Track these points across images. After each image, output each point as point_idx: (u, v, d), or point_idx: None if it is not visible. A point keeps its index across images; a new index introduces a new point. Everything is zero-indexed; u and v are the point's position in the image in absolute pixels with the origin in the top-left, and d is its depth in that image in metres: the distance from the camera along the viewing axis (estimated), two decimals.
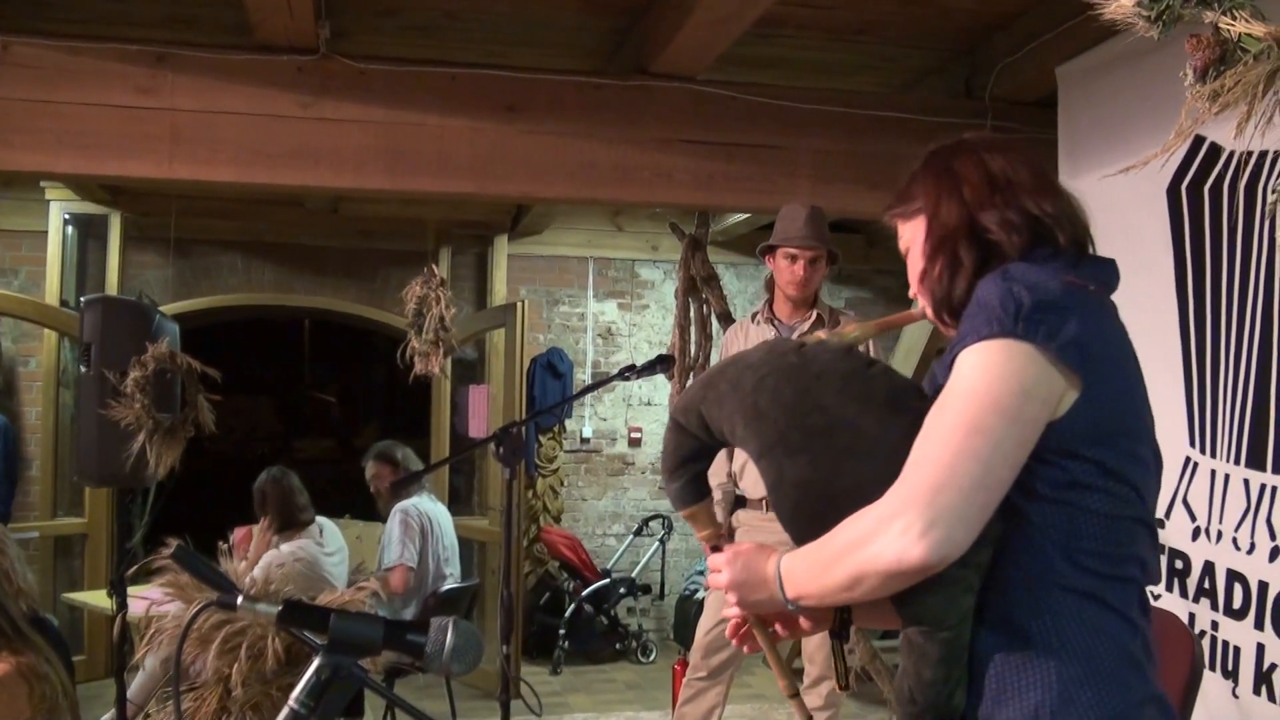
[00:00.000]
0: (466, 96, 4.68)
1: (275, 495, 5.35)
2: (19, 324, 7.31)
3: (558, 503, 8.31)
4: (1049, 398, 1.48)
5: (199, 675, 3.55)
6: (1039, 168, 1.69)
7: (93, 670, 6.89)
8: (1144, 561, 1.59)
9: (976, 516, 1.44)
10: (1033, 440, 1.48)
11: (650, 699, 6.87)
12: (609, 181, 4.84)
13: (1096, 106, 4.22)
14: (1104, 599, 1.54)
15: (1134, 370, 1.62)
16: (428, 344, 6.18)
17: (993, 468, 1.44)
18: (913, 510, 1.43)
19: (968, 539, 1.44)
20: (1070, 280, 1.57)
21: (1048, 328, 1.47)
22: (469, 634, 1.59)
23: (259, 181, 4.61)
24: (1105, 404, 1.52)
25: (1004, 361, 1.47)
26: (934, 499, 1.43)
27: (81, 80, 4.38)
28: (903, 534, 1.43)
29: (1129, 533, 1.56)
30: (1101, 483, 1.52)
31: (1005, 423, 1.45)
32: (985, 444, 1.44)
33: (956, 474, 1.43)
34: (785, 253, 4.28)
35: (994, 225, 1.62)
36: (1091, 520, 1.53)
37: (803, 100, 4.95)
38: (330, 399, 16.77)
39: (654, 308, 8.66)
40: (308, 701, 1.52)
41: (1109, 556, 1.54)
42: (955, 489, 1.43)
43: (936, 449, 1.46)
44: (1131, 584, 1.58)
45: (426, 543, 5.81)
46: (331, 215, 7.74)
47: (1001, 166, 1.67)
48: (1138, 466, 1.56)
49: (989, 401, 1.46)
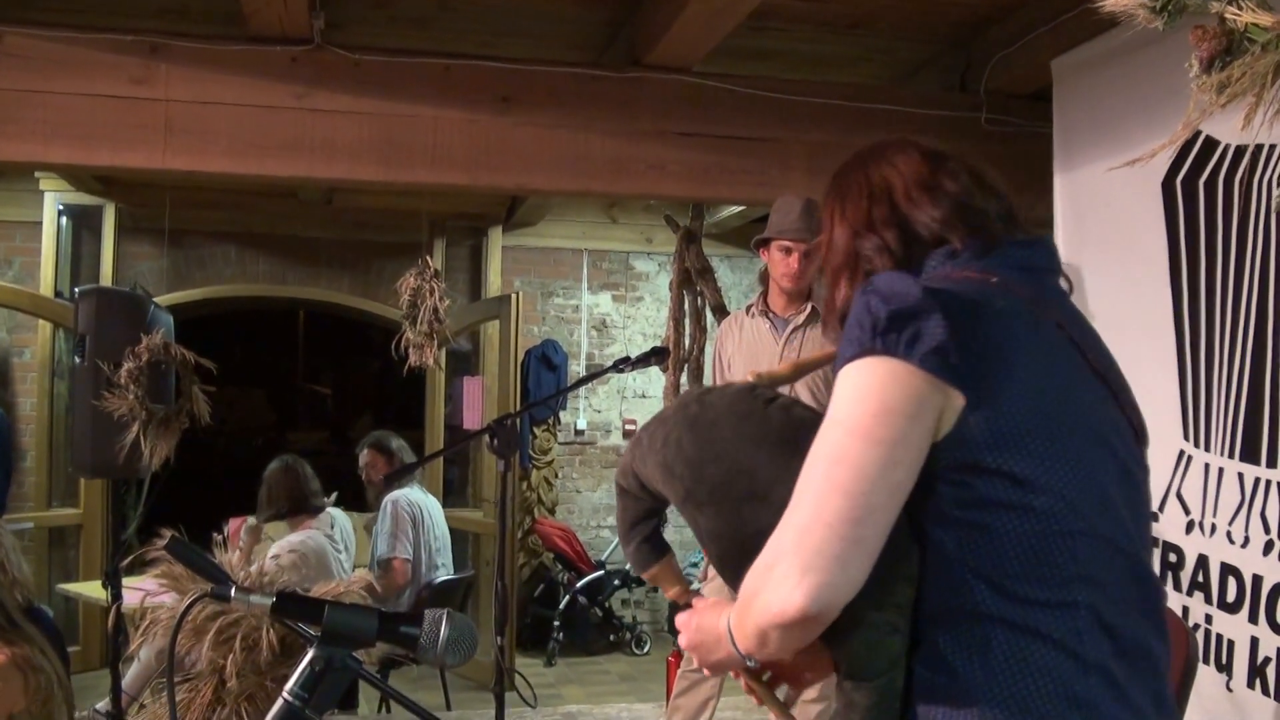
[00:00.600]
0: (461, 88, 4.67)
1: (286, 483, 5.34)
2: (13, 315, 7.32)
3: (552, 494, 8.32)
4: (919, 411, 1.35)
5: (194, 666, 3.55)
6: (921, 169, 1.61)
7: (88, 661, 6.88)
8: (1095, 579, 1.39)
9: (853, 553, 1.31)
10: (910, 460, 1.35)
11: (645, 691, 6.88)
12: (604, 173, 4.83)
13: (1092, 100, 4.22)
14: (1039, 630, 1.36)
15: (1060, 358, 1.45)
16: (422, 336, 6.18)
17: (861, 498, 1.32)
18: (786, 557, 1.33)
19: (850, 578, 1.31)
20: (962, 275, 1.48)
21: (906, 337, 1.36)
22: (463, 626, 1.58)
23: (253, 172, 4.60)
24: (1005, 405, 1.37)
25: (862, 381, 1.38)
26: (802, 541, 1.32)
27: (75, 70, 4.36)
28: (781, 583, 1.32)
29: (1066, 550, 1.38)
30: (1016, 497, 1.37)
31: (867, 446, 1.34)
32: (847, 474, 1.33)
33: (822, 511, 1.32)
34: (780, 245, 4.27)
35: (869, 252, 1.57)
36: (1012, 541, 1.37)
37: (798, 93, 4.95)
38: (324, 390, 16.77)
39: (648, 300, 8.65)
40: (302, 693, 1.52)
41: (1042, 580, 1.37)
42: (823, 527, 1.31)
43: (803, 487, 1.36)
44: (1076, 609, 1.37)
45: (418, 534, 5.82)
46: (325, 206, 7.72)
47: (883, 178, 1.62)
48: (1068, 469, 1.39)
49: (848, 427, 1.36)
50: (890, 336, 1.36)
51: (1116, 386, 1.52)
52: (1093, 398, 1.47)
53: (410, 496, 5.90)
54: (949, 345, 1.35)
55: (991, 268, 1.49)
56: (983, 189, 1.60)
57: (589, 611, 7.80)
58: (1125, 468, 1.48)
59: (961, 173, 1.61)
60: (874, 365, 1.37)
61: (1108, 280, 3.98)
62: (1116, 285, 3.92)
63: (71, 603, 6.82)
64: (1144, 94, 3.82)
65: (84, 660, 6.83)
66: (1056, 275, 1.58)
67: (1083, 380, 1.47)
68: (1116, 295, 3.89)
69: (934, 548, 1.41)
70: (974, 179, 1.61)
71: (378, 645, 1.60)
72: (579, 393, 8.46)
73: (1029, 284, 1.50)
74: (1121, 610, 1.41)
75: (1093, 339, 1.53)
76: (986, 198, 1.59)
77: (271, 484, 5.36)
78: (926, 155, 1.63)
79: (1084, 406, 1.45)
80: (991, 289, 1.45)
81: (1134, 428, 1.53)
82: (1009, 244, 1.54)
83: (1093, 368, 1.49)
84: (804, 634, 1.35)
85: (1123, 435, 1.50)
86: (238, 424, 14.54)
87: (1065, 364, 1.46)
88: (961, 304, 1.40)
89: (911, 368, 1.35)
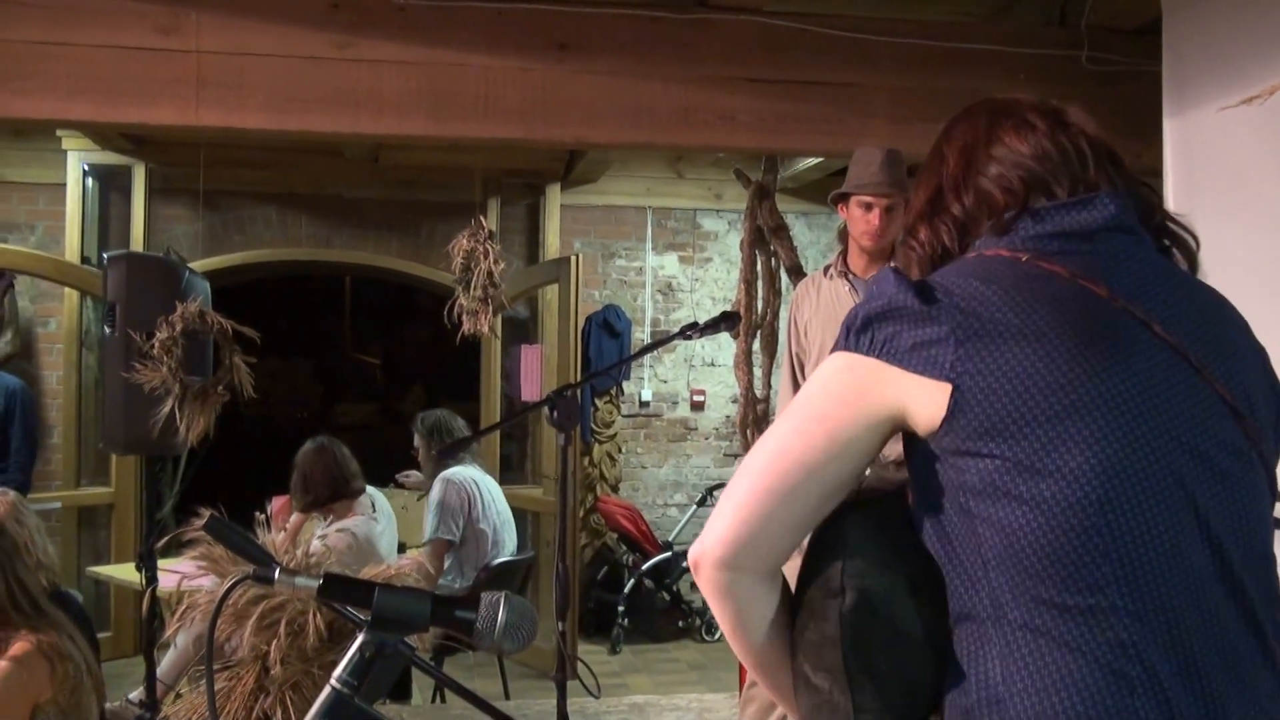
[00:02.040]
0: (514, 34, 4.67)
1: (321, 468, 5.27)
2: (37, 283, 7.40)
3: (615, 471, 8.34)
4: (859, 402, 1.44)
5: (234, 653, 3.60)
6: (968, 140, 1.61)
7: (120, 648, 7.03)
8: (1143, 585, 1.32)
9: (759, 507, 1.45)
10: (841, 444, 1.45)
11: (715, 680, 6.90)
12: (668, 125, 4.81)
13: (1206, 33, 4.13)
14: (1067, 640, 1.31)
15: (1098, 334, 1.38)
16: (476, 301, 6.20)
17: (779, 463, 1.45)
18: (720, 505, 1.49)
19: (756, 529, 1.45)
20: (993, 254, 1.49)
21: (882, 336, 1.44)
22: (522, 610, 1.59)
23: (292, 128, 4.63)
24: (997, 389, 1.36)
25: (820, 372, 1.50)
26: (726, 493, 1.48)
27: (97, 20, 4.39)
28: (709, 527, 1.49)
29: (1094, 548, 1.32)
30: (1021, 485, 1.34)
31: (795, 420, 1.47)
32: (774, 442, 1.47)
33: (749, 470, 1.47)
34: (859, 201, 4.23)
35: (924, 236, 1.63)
36: (1026, 536, 1.34)
37: (879, 32, 4.89)
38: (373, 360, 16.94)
39: (717, 261, 8.63)
40: (351, 680, 1.53)
41: (1065, 581, 1.32)
42: (744, 480, 1.47)
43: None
44: (1115, 616, 1.31)
45: (471, 513, 5.84)
46: (371, 164, 7.77)
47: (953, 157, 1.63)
48: (1085, 455, 1.33)
49: (792, 407, 1.49)
50: (863, 337, 1.45)
51: (1203, 360, 1.42)
52: (1156, 376, 1.38)
53: (462, 474, 5.92)
54: (926, 337, 1.40)
55: (1026, 243, 1.49)
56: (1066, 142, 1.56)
57: (656, 595, 7.83)
58: (1203, 455, 1.37)
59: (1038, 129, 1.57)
60: (835, 360, 1.48)
61: (1224, 232, 3.89)
62: (1234, 237, 3.84)
63: (103, 586, 6.97)
64: (1266, 25, 3.73)
65: (116, 647, 6.98)
66: (1119, 231, 1.50)
67: (1137, 357, 1.38)
68: (1233, 248, 3.81)
69: (949, 543, 1.41)
70: (1055, 131, 1.57)
71: (431, 630, 1.61)
72: (644, 361, 8.46)
73: (1074, 253, 1.47)
74: (1193, 633, 1.33)
75: (1173, 308, 1.44)
76: (1066, 155, 1.54)
77: (307, 469, 5.29)
78: (996, 113, 1.62)
79: (1129, 388, 1.36)
80: (1012, 267, 1.46)
81: (1231, 405, 1.42)
82: (1053, 209, 1.50)
83: (1166, 340, 1.41)
84: (708, 586, 1.52)
85: (1206, 418, 1.40)
86: (281, 396, 14.73)
87: (1111, 346, 1.38)
88: (948, 291, 1.42)
89: (875, 363, 1.43)
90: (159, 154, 7.38)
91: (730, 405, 8.38)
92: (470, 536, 5.84)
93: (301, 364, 15.74)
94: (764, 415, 5.57)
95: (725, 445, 8.57)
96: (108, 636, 6.98)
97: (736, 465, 1.77)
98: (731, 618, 1.53)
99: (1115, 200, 1.51)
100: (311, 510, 5.30)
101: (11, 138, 7.32)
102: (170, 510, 6.96)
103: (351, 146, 7.33)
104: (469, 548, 5.86)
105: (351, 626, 1.63)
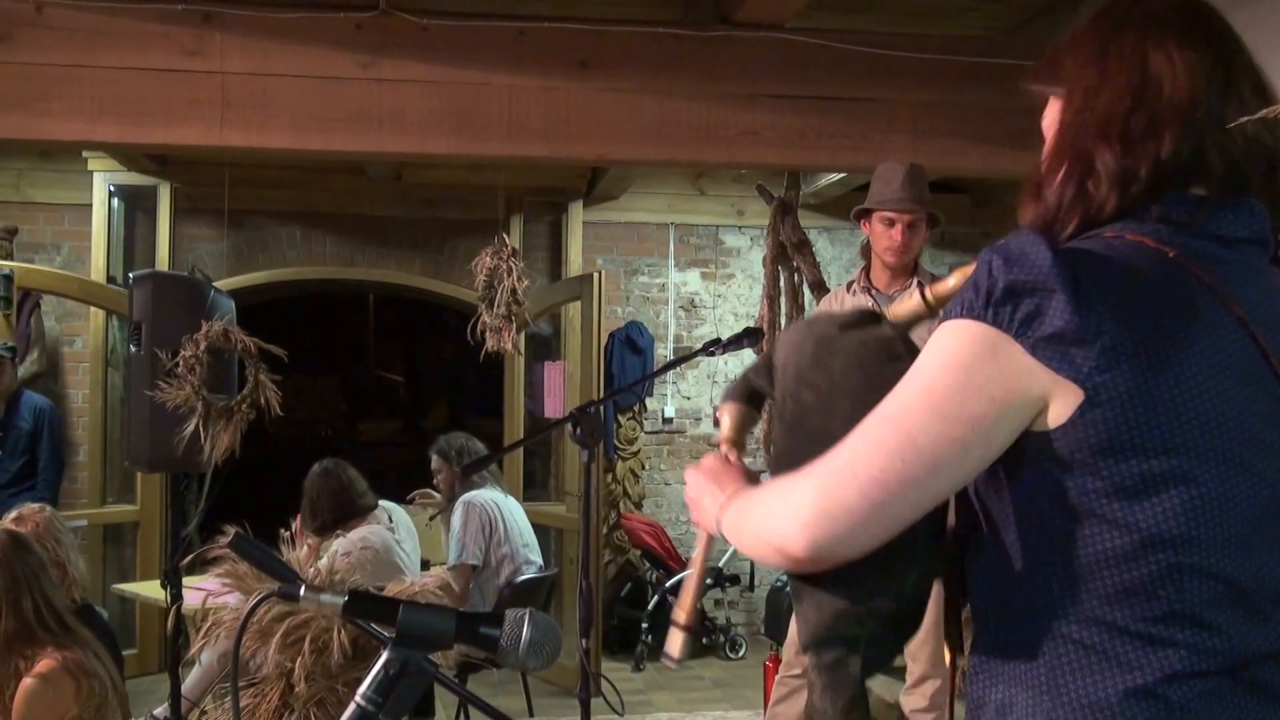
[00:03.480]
0: (536, 52, 4.69)
1: (326, 492, 5.28)
2: (63, 302, 7.47)
3: (639, 487, 8.34)
4: (1008, 398, 1.27)
5: (259, 670, 3.61)
6: (1185, 77, 1.37)
7: (145, 665, 7.06)
8: (1209, 624, 1.26)
9: (871, 517, 1.29)
10: (975, 445, 1.29)
11: (740, 698, 6.88)
12: (690, 141, 4.82)
13: None
14: (1121, 661, 1.28)
15: (1227, 362, 1.28)
16: (499, 318, 6.21)
17: (902, 467, 1.28)
18: (808, 492, 1.32)
19: (856, 541, 1.30)
20: (1136, 240, 1.32)
21: (1024, 313, 1.26)
22: (546, 627, 1.59)
23: (316, 148, 4.66)
24: (1131, 409, 1.25)
25: (954, 346, 1.30)
26: (828, 485, 1.31)
27: (122, 42, 4.44)
28: (791, 516, 1.32)
29: (1168, 581, 1.26)
30: (1118, 512, 1.27)
31: (930, 417, 1.28)
32: (898, 438, 1.29)
33: (858, 465, 1.30)
34: (882, 216, 4.22)
35: (1100, 169, 1.37)
36: (1106, 558, 1.28)
37: (900, 47, 4.89)
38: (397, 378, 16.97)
39: (740, 277, 8.62)
40: (375, 697, 1.53)
41: (1133, 608, 1.28)
42: (854, 480, 1.29)
43: (857, 431, 1.33)
44: (1174, 649, 1.26)
45: (493, 537, 5.84)
46: (395, 183, 7.80)
47: (1158, 71, 1.38)
48: (1187, 496, 1.26)
49: (920, 391, 1.30)
50: (1004, 308, 1.26)
51: None
52: (1261, 412, 1.30)
53: (483, 497, 5.92)
54: (1071, 331, 1.24)
55: (1175, 237, 1.33)
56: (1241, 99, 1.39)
57: None
58: None
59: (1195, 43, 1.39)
60: (973, 333, 1.28)
61: None
62: None
63: (128, 603, 6.99)
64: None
65: (141, 664, 7.00)
66: (1261, 246, 1.38)
67: (1251, 390, 1.29)
68: None
69: (1019, 542, 1.35)
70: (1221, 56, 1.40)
71: (455, 648, 1.61)
72: (667, 378, 8.46)
73: (1216, 261, 1.33)
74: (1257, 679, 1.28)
75: None
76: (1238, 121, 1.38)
77: (313, 494, 5.30)
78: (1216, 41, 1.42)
79: (1240, 425, 1.28)
80: (1161, 266, 1.31)
81: None
82: (1205, 205, 1.35)
83: (1276, 372, 1.31)
84: (784, 566, 1.38)
85: None
86: (306, 414, 14.77)
87: (1231, 370, 1.28)
88: (1103, 284, 1.27)
89: (1018, 349, 1.26)
90: (184, 174, 7.44)
91: None
92: (492, 560, 5.84)
93: (325, 382, 15.78)
94: None
95: (749, 461, 8.53)
96: (133, 654, 7.00)
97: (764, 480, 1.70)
98: None
99: (1263, 210, 1.38)
100: (324, 534, 5.28)
101: (38, 159, 7.39)
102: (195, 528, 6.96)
103: (375, 165, 7.36)
104: (489, 571, 5.86)
105: (376, 643, 1.63)
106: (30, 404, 6.57)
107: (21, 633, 3.15)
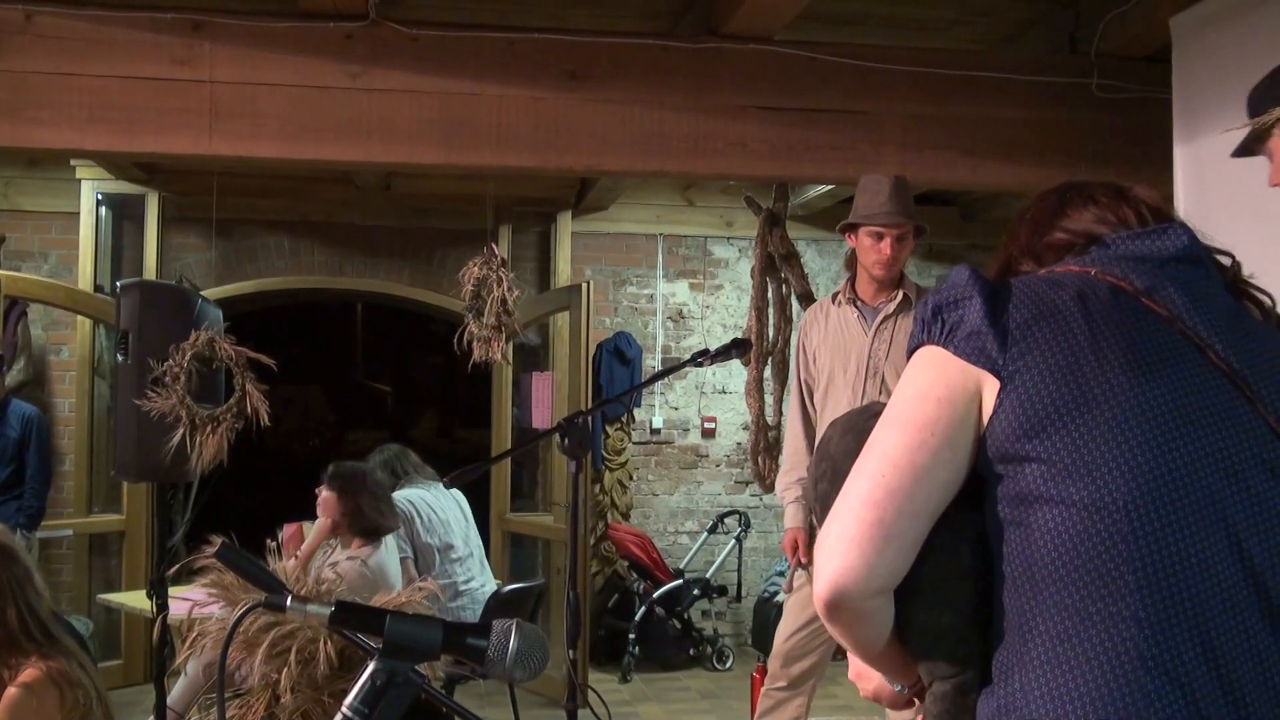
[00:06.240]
0: (525, 63, 4.69)
1: (376, 509, 5.10)
2: (50, 311, 7.44)
3: (626, 498, 8.33)
4: (951, 395, 1.45)
5: (245, 681, 3.60)
6: (1039, 216, 1.70)
7: (131, 675, 7.03)
8: (1173, 599, 1.33)
9: (871, 535, 1.40)
10: (941, 445, 1.44)
11: (726, 709, 6.87)
12: (679, 152, 4.82)
13: (1216, 60, 4.13)
14: (1083, 647, 1.34)
15: (1155, 353, 1.42)
16: (488, 329, 6.21)
17: (882, 479, 1.42)
18: (826, 540, 1.45)
19: (868, 562, 1.40)
20: (1063, 270, 1.55)
21: (949, 324, 1.48)
22: (533, 638, 1.59)
23: (305, 157, 4.65)
24: (1037, 385, 1.41)
25: (906, 374, 1.51)
26: (829, 530, 1.45)
27: (112, 51, 4.43)
28: (816, 575, 1.45)
29: (1119, 555, 1.34)
30: (1053, 488, 1.37)
31: (895, 430, 1.46)
32: (873, 459, 1.45)
33: (848, 496, 1.45)
34: (870, 230, 4.23)
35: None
36: (1051, 538, 1.37)
37: (889, 60, 4.90)
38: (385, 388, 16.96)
39: (728, 288, 8.63)
40: (362, 709, 1.53)
41: (1086, 586, 1.34)
42: (847, 513, 1.43)
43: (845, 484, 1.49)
44: (1124, 624, 1.32)
45: (411, 530, 5.78)
46: (383, 193, 7.80)
47: (1024, 230, 1.71)
48: (1118, 459, 1.36)
49: (887, 417, 1.49)
50: (934, 325, 1.49)
51: (1258, 388, 1.43)
52: (1201, 396, 1.41)
53: (400, 495, 5.86)
54: (984, 329, 1.45)
55: (1097, 260, 1.55)
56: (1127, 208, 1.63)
57: (667, 623, 7.80)
58: (1240, 476, 1.38)
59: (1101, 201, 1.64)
60: (918, 356, 1.51)
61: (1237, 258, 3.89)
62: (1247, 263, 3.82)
63: (114, 614, 6.97)
64: (1276, 51, 3.73)
65: (126, 675, 6.98)
66: (1189, 264, 1.55)
67: (1184, 375, 1.42)
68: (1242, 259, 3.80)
69: (996, 548, 1.46)
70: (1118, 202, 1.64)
71: (442, 658, 1.61)
72: (654, 389, 8.46)
73: (1143, 273, 1.51)
74: (1226, 649, 1.32)
75: (1231, 333, 1.47)
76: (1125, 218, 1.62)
77: (366, 501, 5.07)
78: (1066, 191, 1.69)
79: (1169, 403, 1.39)
80: (1079, 279, 1.50)
81: (1277, 432, 1.42)
82: (1125, 236, 1.57)
83: (1221, 366, 1.43)
84: (842, 618, 1.46)
85: (1249, 441, 1.41)
86: (293, 424, 14.75)
87: (1161, 360, 1.42)
88: (1007, 288, 1.49)
89: (946, 353, 1.47)
90: (172, 183, 7.42)
91: (741, 432, 8.37)
92: (417, 552, 5.82)
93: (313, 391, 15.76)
94: (775, 442, 5.57)
95: (736, 472, 8.55)
96: (118, 664, 6.98)
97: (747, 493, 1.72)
98: (875, 631, 1.50)
99: (1188, 232, 1.58)
100: (337, 532, 5.12)
101: (26, 167, 7.37)
102: (182, 537, 6.97)
103: (363, 175, 7.36)
104: (423, 563, 5.82)
105: (362, 654, 1.63)
106: (18, 412, 6.54)
107: (5, 642, 3.13)
